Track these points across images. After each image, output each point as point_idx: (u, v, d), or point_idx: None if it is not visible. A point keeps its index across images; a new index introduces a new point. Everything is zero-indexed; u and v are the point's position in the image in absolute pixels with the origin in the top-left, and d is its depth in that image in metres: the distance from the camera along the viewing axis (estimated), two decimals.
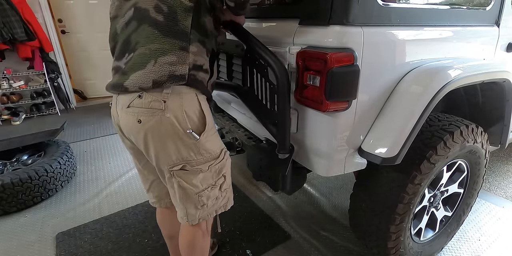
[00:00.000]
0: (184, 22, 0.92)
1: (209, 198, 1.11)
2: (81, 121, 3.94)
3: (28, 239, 1.87)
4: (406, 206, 1.27)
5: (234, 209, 2.08)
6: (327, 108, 1.05)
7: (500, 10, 1.45)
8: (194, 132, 0.97)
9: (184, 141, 0.98)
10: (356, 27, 1.03)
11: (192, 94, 0.97)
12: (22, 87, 3.93)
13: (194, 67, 0.95)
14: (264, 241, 1.80)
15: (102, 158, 2.93)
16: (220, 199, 1.16)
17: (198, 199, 1.08)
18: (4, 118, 3.90)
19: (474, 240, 1.81)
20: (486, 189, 2.32)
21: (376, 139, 1.17)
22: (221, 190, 1.15)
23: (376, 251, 1.46)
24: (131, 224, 1.96)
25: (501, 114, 1.57)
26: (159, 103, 0.92)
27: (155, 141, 0.98)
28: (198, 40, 0.96)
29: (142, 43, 0.93)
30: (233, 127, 1.82)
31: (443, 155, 1.26)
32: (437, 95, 1.14)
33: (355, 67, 1.03)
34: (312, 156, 1.25)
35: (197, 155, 1.02)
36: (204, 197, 1.09)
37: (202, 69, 0.99)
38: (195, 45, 0.95)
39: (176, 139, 0.97)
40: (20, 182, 2.05)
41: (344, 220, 1.97)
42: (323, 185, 2.38)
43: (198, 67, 0.97)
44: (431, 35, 1.25)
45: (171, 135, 0.96)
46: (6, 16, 3.49)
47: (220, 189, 1.14)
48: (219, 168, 1.10)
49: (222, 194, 1.16)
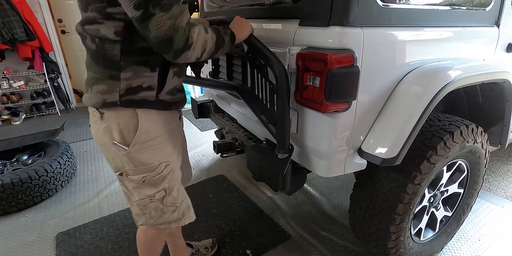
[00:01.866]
0: (113, 51, 0.93)
1: (148, 208, 1.12)
2: (81, 121, 3.94)
3: (28, 239, 1.87)
4: (406, 206, 1.27)
5: (234, 209, 2.10)
6: (327, 109, 1.05)
7: (500, 10, 1.45)
8: (121, 144, 1.01)
9: (115, 151, 1.04)
10: (356, 28, 1.03)
11: (129, 110, 0.99)
12: (22, 87, 3.93)
13: (127, 91, 0.96)
14: (264, 241, 1.80)
15: (102, 158, 2.92)
16: (167, 213, 1.15)
17: (137, 207, 1.13)
18: (4, 118, 3.90)
19: (474, 240, 1.81)
20: (486, 189, 2.32)
21: (376, 139, 1.17)
22: (165, 204, 1.13)
23: (376, 251, 1.46)
24: (131, 224, 1.96)
25: (501, 115, 1.57)
26: (98, 114, 1.01)
27: (100, 145, 1.09)
28: (134, 63, 0.95)
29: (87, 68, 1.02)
30: (233, 127, 1.82)
31: (443, 155, 1.26)
32: (437, 96, 1.14)
33: (355, 68, 1.03)
34: (312, 157, 1.25)
35: (130, 165, 1.05)
36: (142, 207, 1.12)
37: (141, 88, 0.97)
38: (130, 69, 0.95)
39: (110, 147, 1.04)
40: (20, 182, 2.05)
41: (344, 220, 1.97)
42: (323, 185, 2.39)
43: (135, 89, 0.97)
44: (431, 35, 1.25)
45: (105, 143, 1.04)
46: (6, 16, 3.49)
47: (162, 203, 1.12)
48: (156, 182, 1.09)
49: (168, 208, 1.14)
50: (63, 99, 4.23)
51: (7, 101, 3.90)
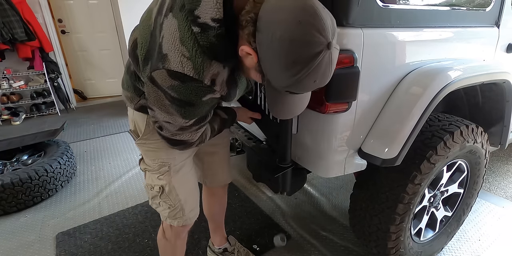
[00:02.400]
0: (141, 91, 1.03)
1: (149, 194, 1.19)
2: (81, 121, 3.94)
3: (28, 239, 1.88)
4: (406, 206, 1.27)
5: (234, 209, 2.10)
6: (327, 110, 1.05)
7: (500, 11, 1.45)
8: (133, 134, 1.15)
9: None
10: (356, 29, 1.03)
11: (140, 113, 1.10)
12: (22, 87, 3.93)
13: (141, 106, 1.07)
14: (264, 241, 1.80)
15: (102, 158, 2.93)
16: (164, 207, 1.18)
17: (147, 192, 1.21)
18: (4, 118, 3.90)
19: (474, 240, 1.81)
20: (486, 189, 2.32)
21: (376, 140, 1.17)
22: (161, 198, 1.16)
23: (376, 251, 1.46)
24: (131, 224, 1.96)
25: (501, 115, 1.57)
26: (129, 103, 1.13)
27: None
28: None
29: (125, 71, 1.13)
30: (233, 127, 1.82)
31: (443, 155, 1.26)
32: (437, 97, 1.14)
33: (355, 69, 1.03)
34: (312, 157, 1.25)
35: (143, 154, 1.17)
36: (146, 190, 1.20)
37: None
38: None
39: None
40: (20, 182, 2.05)
41: (344, 220, 1.97)
42: (323, 185, 2.39)
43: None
44: (431, 36, 1.25)
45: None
46: (6, 16, 3.48)
47: (160, 198, 1.16)
48: (154, 176, 1.14)
49: (163, 204, 1.17)
50: (63, 99, 4.22)
51: (7, 101, 3.90)
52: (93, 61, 4.71)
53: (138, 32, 0.90)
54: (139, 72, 0.93)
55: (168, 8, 0.79)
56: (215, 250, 1.67)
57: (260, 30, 0.68)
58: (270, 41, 0.66)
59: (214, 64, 0.78)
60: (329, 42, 0.65)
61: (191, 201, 1.21)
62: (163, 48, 0.77)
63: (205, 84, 0.78)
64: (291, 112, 0.90)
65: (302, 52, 0.65)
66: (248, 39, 0.71)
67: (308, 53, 0.65)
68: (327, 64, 0.68)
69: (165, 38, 0.77)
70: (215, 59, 0.77)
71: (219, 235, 1.65)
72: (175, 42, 0.76)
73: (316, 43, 0.64)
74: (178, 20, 0.76)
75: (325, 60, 0.66)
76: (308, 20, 0.63)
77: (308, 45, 0.64)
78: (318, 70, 0.67)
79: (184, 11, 0.74)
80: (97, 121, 3.92)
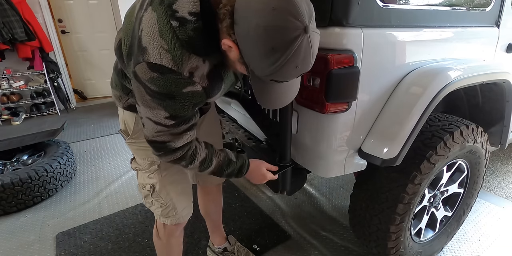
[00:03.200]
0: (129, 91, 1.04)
1: (142, 192, 1.20)
2: (81, 121, 3.94)
3: (28, 239, 1.88)
4: (406, 206, 1.27)
5: (234, 209, 2.10)
6: (327, 110, 1.05)
7: (500, 11, 1.45)
8: (123, 133, 1.16)
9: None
10: (356, 29, 1.03)
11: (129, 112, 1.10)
12: (22, 87, 3.93)
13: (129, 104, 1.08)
14: (264, 241, 1.80)
15: (102, 158, 2.93)
16: (156, 206, 1.18)
17: (140, 191, 1.22)
18: (4, 118, 3.90)
19: (474, 240, 1.81)
20: (486, 189, 2.32)
21: (376, 140, 1.17)
22: (154, 198, 1.17)
23: (376, 251, 1.46)
24: (131, 224, 1.96)
25: (501, 115, 1.57)
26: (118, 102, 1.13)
27: None
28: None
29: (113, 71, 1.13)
30: (233, 127, 1.82)
31: (443, 155, 1.26)
32: (437, 96, 1.14)
33: (355, 69, 1.03)
34: (312, 157, 1.25)
35: (134, 153, 1.18)
36: (140, 189, 1.21)
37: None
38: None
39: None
40: (20, 182, 2.05)
41: (344, 220, 1.98)
42: (323, 185, 2.39)
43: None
44: (431, 36, 1.25)
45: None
46: (6, 16, 3.49)
47: (152, 197, 1.17)
48: (144, 175, 1.15)
49: (155, 203, 1.18)
50: (63, 99, 4.22)
51: (7, 101, 3.90)
52: (93, 61, 4.72)
53: (122, 29, 0.91)
54: (125, 69, 0.93)
55: (148, 3, 0.79)
56: (215, 250, 1.67)
57: (237, 22, 0.69)
58: (248, 31, 0.67)
59: (193, 57, 0.78)
60: (305, 26, 0.64)
61: (183, 199, 1.21)
62: (142, 41, 0.78)
63: (184, 76, 0.78)
64: (279, 101, 0.88)
65: (279, 38, 0.65)
66: (227, 32, 0.71)
67: (285, 38, 0.65)
68: (307, 48, 0.67)
69: (144, 31, 0.78)
70: (194, 53, 0.77)
71: (218, 234, 1.65)
72: (154, 35, 0.76)
73: (292, 28, 0.64)
74: (157, 13, 0.76)
75: (304, 44, 0.66)
76: (282, 6, 0.63)
77: (284, 30, 0.64)
78: (298, 55, 0.67)
79: (163, 5, 0.75)
80: (97, 121, 3.92)
